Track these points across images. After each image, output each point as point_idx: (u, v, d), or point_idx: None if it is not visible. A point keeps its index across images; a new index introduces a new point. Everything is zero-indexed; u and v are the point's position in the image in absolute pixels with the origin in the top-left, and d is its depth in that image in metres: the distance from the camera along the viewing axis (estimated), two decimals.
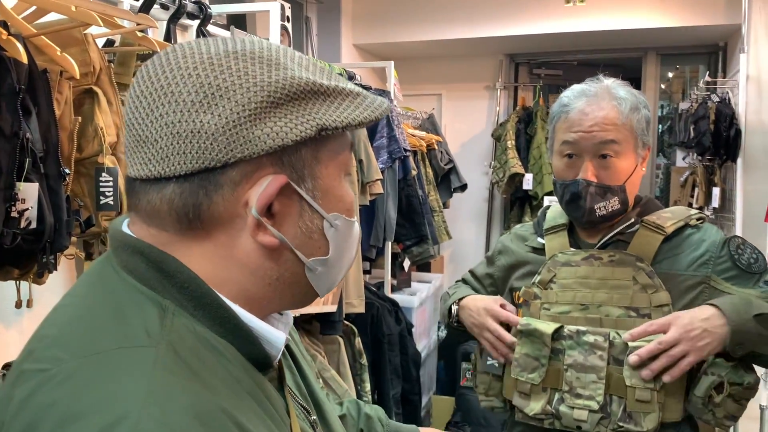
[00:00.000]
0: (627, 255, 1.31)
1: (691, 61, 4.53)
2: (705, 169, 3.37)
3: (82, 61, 1.22)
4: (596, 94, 1.31)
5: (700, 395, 1.23)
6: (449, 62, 4.58)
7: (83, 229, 1.20)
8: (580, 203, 1.31)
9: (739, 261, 1.28)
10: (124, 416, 0.47)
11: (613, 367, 1.26)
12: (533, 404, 1.32)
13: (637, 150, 1.33)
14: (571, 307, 1.33)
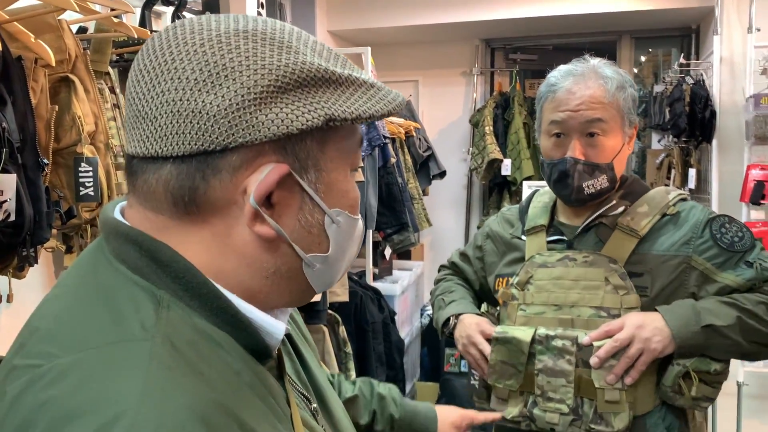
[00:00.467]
0: (600, 256, 1.32)
1: (663, 44, 4.57)
2: (681, 151, 3.41)
3: (57, 47, 1.18)
4: (583, 74, 1.31)
5: (669, 384, 1.26)
6: (425, 48, 4.56)
7: (64, 221, 1.17)
8: (568, 181, 1.31)
9: (721, 240, 1.28)
10: (120, 416, 0.45)
11: (582, 369, 1.28)
12: (510, 408, 1.35)
13: (624, 128, 1.33)
14: (545, 307, 1.35)
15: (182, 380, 0.49)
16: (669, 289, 1.29)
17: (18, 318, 1.62)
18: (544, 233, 1.42)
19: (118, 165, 1.32)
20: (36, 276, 1.68)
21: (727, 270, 1.27)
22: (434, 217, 4.12)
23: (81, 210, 1.23)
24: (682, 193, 1.40)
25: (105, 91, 1.34)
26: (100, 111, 1.27)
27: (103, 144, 1.27)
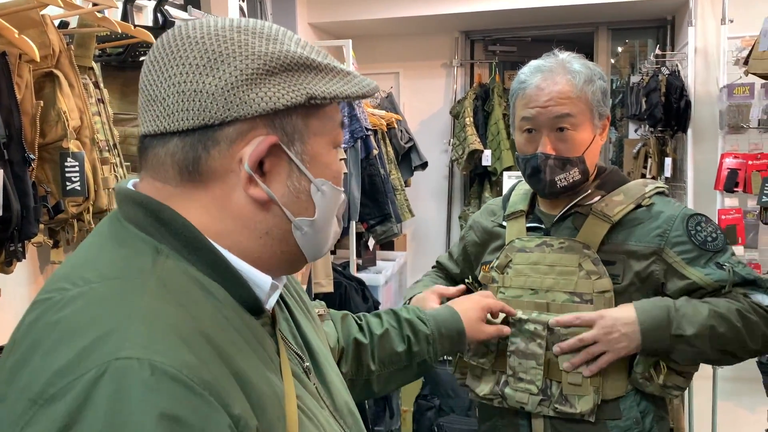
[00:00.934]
0: (575, 242, 1.36)
1: (640, 35, 4.64)
2: (657, 140, 3.47)
3: (41, 43, 1.19)
4: (551, 69, 1.34)
5: (639, 371, 1.31)
6: (406, 40, 4.58)
7: (51, 216, 1.18)
8: (541, 176, 1.35)
9: (695, 237, 1.31)
10: (113, 330, 0.54)
11: (552, 353, 1.33)
12: (483, 386, 1.41)
13: (594, 121, 1.36)
14: (522, 291, 1.39)
15: (169, 308, 0.58)
16: (640, 277, 1.32)
17: (5, 312, 1.62)
18: (523, 218, 1.46)
19: (104, 159, 1.33)
20: (23, 271, 1.68)
21: (696, 266, 1.30)
22: (416, 208, 4.16)
23: (68, 205, 1.23)
24: (660, 186, 1.42)
25: (89, 86, 1.35)
26: (85, 106, 1.28)
27: (88, 139, 1.27)
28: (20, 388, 0.54)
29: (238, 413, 0.56)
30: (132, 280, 0.59)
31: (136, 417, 0.50)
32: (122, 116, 1.67)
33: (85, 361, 0.52)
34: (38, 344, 0.56)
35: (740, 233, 2.97)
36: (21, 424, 0.52)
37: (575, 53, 1.40)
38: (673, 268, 1.32)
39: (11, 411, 0.54)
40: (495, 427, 1.47)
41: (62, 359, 0.53)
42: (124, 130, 1.65)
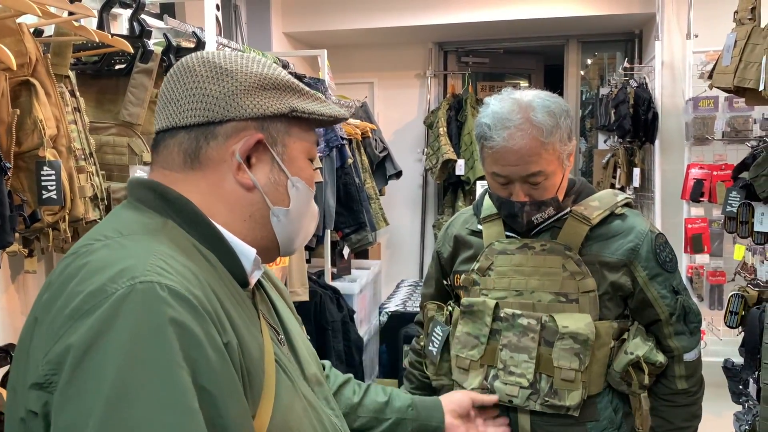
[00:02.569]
0: (557, 244, 1.39)
1: (609, 48, 4.75)
2: (626, 151, 3.55)
3: (18, 51, 1.18)
4: (517, 126, 1.31)
5: (618, 370, 1.37)
6: (380, 50, 4.62)
7: (27, 225, 1.17)
8: (518, 220, 1.39)
9: (659, 257, 1.40)
10: (136, 263, 0.68)
11: (543, 348, 1.36)
12: (471, 379, 1.42)
13: (563, 162, 1.38)
14: (507, 292, 1.42)
15: (178, 256, 0.73)
16: (614, 287, 1.38)
17: None
18: (500, 221, 1.47)
19: (81, 168, 1.32)
20: None
21: (654, 284, 1.40)
22: (391, 217, 4.18)
23: (44, 213, 1.23)
24: (628, 197, 1.49)
25: (65, 94, 1.34)
26: (61, 114, 1.27)
27: (65, 147, 1.27)
28: (57, 309, 0.67)
29: (228, 341, 0.71)
30: (148, 234, 0.75)
31: (153, 322, 0.64)
32: (97, 124, 1.66)
33: (114, 284, 0.66)
34: (72, 278, 0.69)
35: (706, 242, 3.05)
36: (60, 334, 0.65)
37: (536, 90, 1.39)
38: (637, 282, 1.40)
39: (49, 328, 0.67)
40: None
41: (94, 284, 0.66)
42: (100, 138, 1.64)
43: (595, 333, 1.34)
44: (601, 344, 1.37)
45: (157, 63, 1.67)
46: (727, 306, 1.99)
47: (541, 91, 1.39)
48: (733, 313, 1.98)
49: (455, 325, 1.46)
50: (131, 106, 1.65)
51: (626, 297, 1.41)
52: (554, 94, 1.40)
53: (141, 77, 1.66)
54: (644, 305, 1.40)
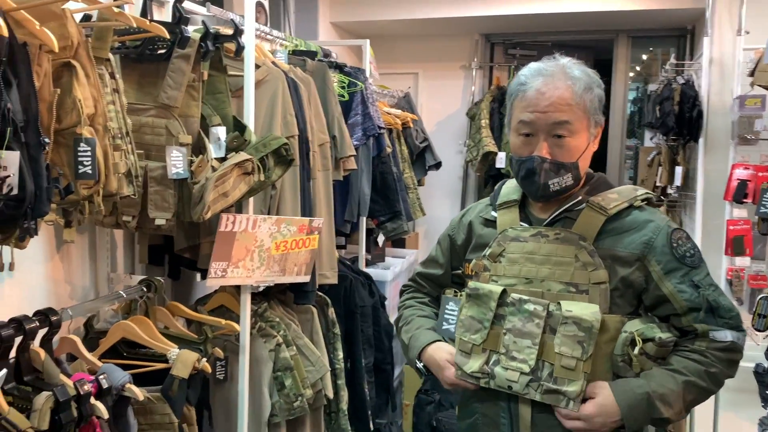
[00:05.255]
0: (571, 233, 1.39)
1: (660, 44, 4.63)
2: (669, 149, 3.48)
3: (61, 35, 1.26)
4: (552, 74, 1.37)
5: (618, 353, 1.35)
6: (426, 41, 4.63)
7: (62, 197, 1.26)
8: (535, 179, 1.38)
9: (676, 251, 1.37)
10: None
11: (548, 335, 1.35)
12: (472, 362, 1.42)
13: (590, 129, 1.40)
14: (516, 280, 1.42)
15: None
16: (625, 283, 1.37)
17: (20, 287, 1.72)
18: (516, 209, 1.48)
19: (116, 146, 1.41)
20: (38, 249, 1.78)
21: (671, 279, 1.36)
22: (429, 207, 4.21)
23: (79, 187, 1.31)
24: (649, 193, 1.47)
25: (105, 76, 1.42)
26: (99, 95, 1.35)
27: (101, 126, 1.35)
28: None
29: None
30: None
31: None
32: (138, 106, 1.75)
33: None
34: None
35: (748, 244, 2.97)
36: None
37: (575, 59, 1.43)
38: (651, 277, 1.37)
39: None
40: (475, 425, 1.50)
41: None
42: (139, 120, 1.73)
43: (603, 325, 1.32)
44: (609, 338, 1.35)
45: (194, 49, 1.75)
46: (756, 309, 1.96)
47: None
48: (762, 317, 1.95)
49: (461, 309, 1.47)
50: (169, 90, 1.74)
51: (639, 294, 1.39)
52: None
53: (179, 62, 1.74)
54: (660, 301, 1.37)
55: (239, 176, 1.79)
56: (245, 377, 2.04)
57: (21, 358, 1.42)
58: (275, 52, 2.41)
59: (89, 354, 1.60)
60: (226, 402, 2.15)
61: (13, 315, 1.42)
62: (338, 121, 2.52)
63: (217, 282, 1.93)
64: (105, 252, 2.02)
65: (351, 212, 2.83)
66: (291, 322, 2.29)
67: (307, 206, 2.22)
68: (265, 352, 2.14)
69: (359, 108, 2.87)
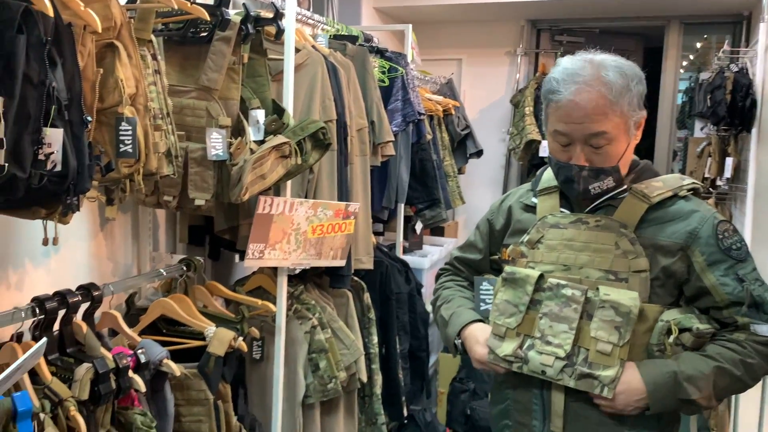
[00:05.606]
0: (612, 221, 1.36)
1: (715, 31, 4.48)
2: (720, 140, 3.36)
3: (104, 16, 1.29)
4: (585, 81, 1.29)
5: (654, 342, 1.32)
6: (470, 27, 4.58)
7: (103, 174, 1.29)
8: (574, 186, 1.36)
9: (722, 243, 1.33)
10: None
11: (585, 321, 1.33)
12: (505, 346, 1.40)
13: (629, 131, 1.34)
14: (554, 266, 1.40)
15: None
16: (666, 273, 1.34)
17: (65, 262, 1.78)
18: (557, 195, 1.45)
19: (156, 126, 1.44)
20: (82, 226, 1.84)
21: (714, 271, 1.32)
22: (470, 196, 4.18)
23: (120, 165, 1.35)
24: (696, 183, 1.42)
25: (147, 57, 1.45)
26: (141, 76, 1.38)
27: (142, 106, 1.38)
28: None
29: None
30: None
31: None
32: (179, 88, 1.78)
33: None
34: None
35: None
36: None
37: (612, 54, 1.36)
38: (693, 268, 1.33)
39: None
40: (507, 410, 1.49)
41: None
42: (181, 101, 1.77)
43: (641, 314, 1.30)
44: (647, 328, 1.32)
45: (235, 31, 1.77)
46: None
47: (615, 55, 1.36)
48: None
49: (496, 293, 1.46)
50: (210, 72, 1.76)
51: (680, 284, 1.35)
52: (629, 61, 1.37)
53: (220, 45, 1.76)
54: (701, 293, 1.34)
55: (277, 159, 1.81)
56: (281, 358, 2.07)
57: (64, 330, 1.47)
58: (316, 37, 2.41)
59: (129, 329, 1.64)
60: (261, 381, 2.18)
61: (58, 289, 1.47)
62: (377, 106, 2.51)
63: (255, 263, 1.96)
64: (147, 231, 2.07)
65: (389, 198, 2.83)
66: (326, 305, 2.31)
67: (344, 191, 2.23)
68: (300, 333, 2.16)
69: (399, 94, 2.86)
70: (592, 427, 1.37)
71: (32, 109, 1.11)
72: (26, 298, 1.46)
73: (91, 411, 1.34)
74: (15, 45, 1.05)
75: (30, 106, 1.10)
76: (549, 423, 1.41)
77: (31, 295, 1.44)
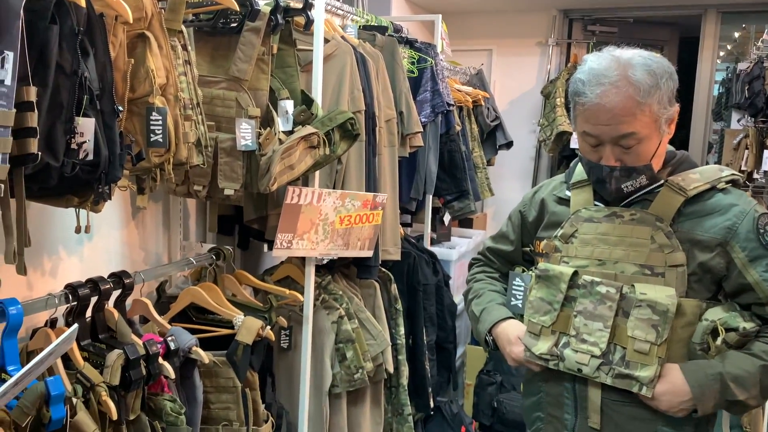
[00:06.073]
0: (647, 214, 1.33)
1: (756, 20, 4.35)
2: (758, 132, 3.28)
3: (136, 6, 1.31)
4: (612, 83, 1.25)
5: (697, 341, 1.29)
6: (501, 17, 4.52)
7: (134, 163, 1.31)
8: (606, 186, 1.33)
9: (763, 237, 1.29)
10: None
11: (620, 318, 1.31)
12: (540, 344, 1.39)
13: (660, 128, 1.30)
14: (588, 261, 1.38)
15: None
16: (703, 268, 1.31)
17: (97, 250, 1.82)
18: (590, 188, 1.42)
19: (187, 116, 1.45)
20: (114, 215, 1.87)
21: (756, 267, 1.29)
22: (499, 188, 4.14)
23: (151, 155, 1.36)
24: (735, 174, 1.39)
25: (177, 47, 1.46)
26: (171, 66, 1.39)
27: (172, 96, 1.39)
28: None
29: None
30: None
31: None
32: (210, 78, 1.79)
33: None
34: None
35: None
36: None
37: (640, 49, 1.32)
38: (734, 264, 1.30)
39: None
40: (539, 403, 1.49)
41: None
42: (211, 92, 1.78)
43: (679, 309, 1.27)
44: (686, 323, 1.30)
45: (264, 22, 1.77)
46: None
47: (644, 50, 1.32)
48: None
49: (530, 290, 1.44)
50: (240, 63, 1.77)
51: (718, 280, 1.32)
52: (659, 55, 1.32)
53: (249, 35, 1.77)
54: (743, 289, 1.30)
55: (305, 149, 1.81)
56: (308, 347, 2.08)
57: (96, 317, 1.50)
58: (345, 27, 2.41)
59: (160, 317, 1.67)
60: (289, 370, 2.20)
61: (90, 276, 1.50)
62: (406, 97, 2.50)
63: (283, 253, 1.97)
64: (178, 220, 2.10)
65: (417, 189, 2.82)
66: (354, 295, 2.31)
67: (372, 182, 2.23)
68: (327, 323, 2.17)
69: (428, 84, 2.84)
70: (627, 421, 1.35)
71: (65, 99, 1.12)
72: (60, 285, 1.49)
73: (121, 396, 1.36)
74: (48, 35, 1.07)
75: (63, 96, 1.12)
76: (581, 417, 1.40)
77: (65, 282, 1.47)
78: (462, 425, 3.01)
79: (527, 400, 1.54)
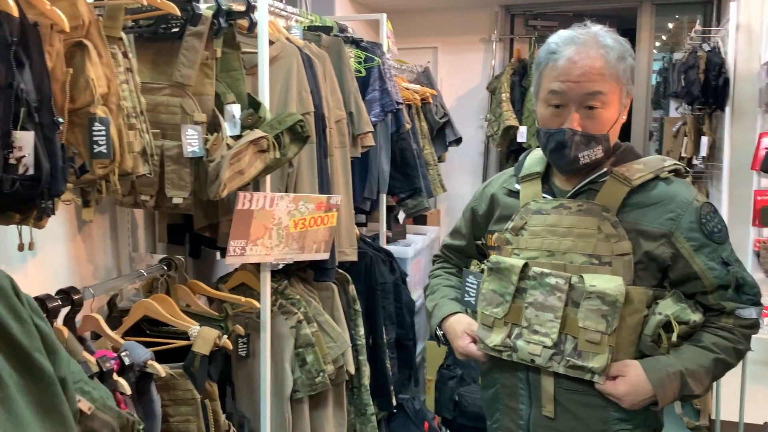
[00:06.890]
0: (594, 205, 1.36)
1: (687, 11, 4.51)
2: (695, 119, 3.40)
3: (72, 14, 1.26)
4: (584, 42, 1.32)
5: (649, 334, 1.33)
6: (445, 14, 4.57)
7: (78, 176, 1.27)
8: (565, 152, 1.34)
9: (705, 227, 1.33)
10: None
11: (570, 308, 1.34)
12: (494, 336, 1.42)
13: (622, 99, 1.36)
14: (538, 253, 1.40)
15: None
16: (649, 257, 1.34)
17: (44, 266, 1.75)
18: (539, 181, 1.46)
19: (131, 125, 1.41)
20: (60, 229, 1.81)
21: (701, 256, 1.33)
22: (451, 184, 4.18)
23: (95, 166, 1.32)
24: (677, 164, 1.43)
25: (118, 55, 1.42)
26: (112, 74, 1.35)
27: (115, 105, 1.35)
28: None
29: None
30: None
31: None
32: (152, 85, 1.75)
33: None
34: None
35: None
36: None
37: (607, 27, 1.38)
38: (680, 254, 1.34)
39: None
40: (497, 395, 1.51)
41: None
42: (155, 99, 1.74)
43: (627, 297, 1.31)
44: (633, 310, 1.33)
45: (207, 26, 1.74)
46: None
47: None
48: None
49: (483, 283, 1.46)
50: (183, 68, 1.74)
51: (664, 269, 1.36)
52: None
53: (192, 40, 1.74)
54: (689, 277, 1.35)
55: (254, 154, 1.79)
56: (267, 354, 2.06)
57: None
58: (290, 28, 2.39)
59: (112, 332, 1.62)
60: (248, 378, 2.17)
61: (37, 294, 1.45)
62: (355, 97, 2.50)
63: (236, 260, 1.94)
64: (126, 232, 2.05)
65: (370, 189, 2.83)
66: (311, 299, 2.30)
67: (325, 183, 2.22)
68: (286, 328, 2.15)
69: (377, 84, 2.84)
70: (580, 408, 1.38)
71: (1, 113, 1.08)
72: None
73: None
74: None
75: None
76: (536, 406, 1.42)
77: None
78: (425, 421, 3.03)
79: (486, 392, 1.57)
